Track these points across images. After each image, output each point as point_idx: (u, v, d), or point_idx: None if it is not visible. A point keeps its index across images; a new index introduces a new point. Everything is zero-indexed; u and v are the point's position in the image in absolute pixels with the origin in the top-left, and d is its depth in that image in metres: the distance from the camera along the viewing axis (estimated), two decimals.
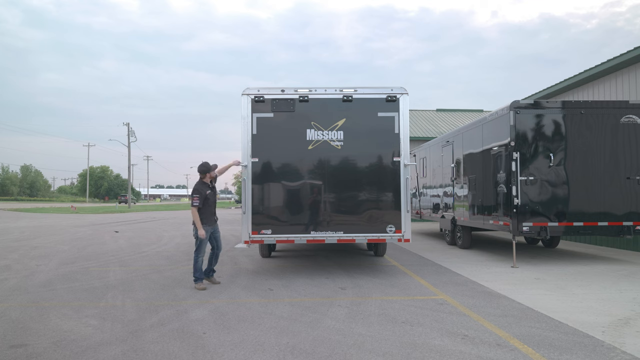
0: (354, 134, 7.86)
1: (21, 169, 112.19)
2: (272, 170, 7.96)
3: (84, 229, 20.94)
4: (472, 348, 4.43)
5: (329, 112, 7.85)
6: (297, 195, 8.00)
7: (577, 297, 6.50)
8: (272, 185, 7.99)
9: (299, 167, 7.97)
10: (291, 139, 7.89)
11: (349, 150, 7.90)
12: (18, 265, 9.69)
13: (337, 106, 7.83)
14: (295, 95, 7.76)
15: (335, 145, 7.85)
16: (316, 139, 7.82)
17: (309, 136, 7.83)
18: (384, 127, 7.83)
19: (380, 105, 7.78)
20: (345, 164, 7.95)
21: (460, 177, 12.25)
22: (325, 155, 7.90)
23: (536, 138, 9.28)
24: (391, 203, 7.92)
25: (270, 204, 8.00)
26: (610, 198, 9.26)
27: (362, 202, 7.98)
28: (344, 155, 7.91)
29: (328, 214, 7.97)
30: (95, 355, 4.32)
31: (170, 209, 55.44)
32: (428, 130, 25.51)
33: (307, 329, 5.07)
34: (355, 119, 7.84)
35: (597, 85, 13.14)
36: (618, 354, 4.23)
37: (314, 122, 7.83)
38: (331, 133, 7.83)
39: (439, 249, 12.24)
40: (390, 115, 7.76)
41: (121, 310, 5.90)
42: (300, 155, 7.91)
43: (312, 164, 7.94)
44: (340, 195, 7.98)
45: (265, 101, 7.77)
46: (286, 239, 8.03)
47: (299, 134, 7.84)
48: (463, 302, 6.21)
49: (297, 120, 7.84)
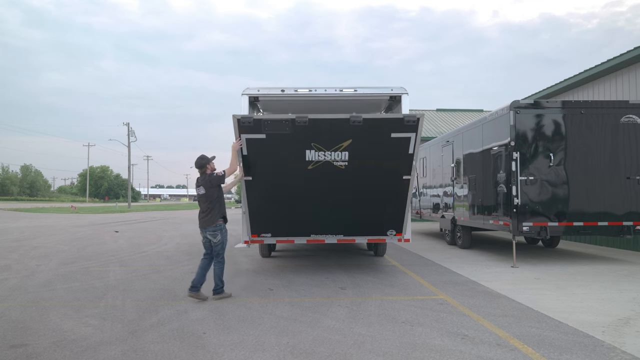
0: (362, 154, 6.89)
1: (21, 169, 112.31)
2: (268, 187, 7.38)
3: (84, 229, 20.93)
4: (472, 348, 4.43)
5: (333, 133, 6.72)
6: (296, 210, 7.64)
7: (577, 297, 6.50)
8: (270, 200, 7.54)
9: (298, 184, 7.33)
10: (288, 160, 7.01)
11: (354, 170, 7.02)
12: (18, 265, 9.69)
13: (342, 127, 6.61)
14: (293, 116, 6.47)
15: (339, 165, 6.95)
16: (317, 159, 6.86)
17: (308, 157, 6.85)
18: (397, 148, 6.82)
19: (395, 125, 6.63)
20: (349, 183, 7.24)
21: (460, 177, 12.25)
22: (327, 175, 7.09)
23: (536, 138, 9.28)
24: (395, 215, 7.61)
25: (268, 217, 7.73)
26: (610, 198, 9.26)
27: (365, 215, 7.68)
28: (348, 175, 7.09)
29: (329, 227, 7.79)
30: (95, 355, 4.32)
31: (170, 208, 55.43)
32: (428, 130, 25.50)
33: (307, 328, 5.07)
34: (363, 140, 6.74)
35: (597, 85, 13.13)
36: (618, 354, 4.23)
37: (315, 143, 6.76)
38: (334, 154, 6.83)
39: (439, 249, 12.24)
40: (406, 136, 6.68)
41: (121, 310, 5.90)
42: (298, 174, 7.16)
43: (312, 183, 7.25)
44: (342, 210, 7.62)
45: (254, 123, 6.48)
46: (286, 239, 8.10)
47: (297, 155, 6.87)
48: (463, 302, 6.21)
49: (294, 142, 6.71)
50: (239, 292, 7.01)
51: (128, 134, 59.13)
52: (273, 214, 7.75)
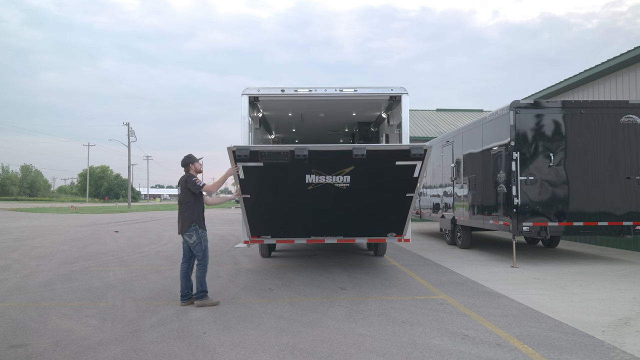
0: (364, 178, 6.64)
1: (21, 169, 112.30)
2: (267, 202, 7.23)
3: (84, 228, 20.93)
4: (472, 348, 4.43)
5: (334, 162, 6.39)
6: (296, 220, 7.62)
7: (577, 297, 6.50)
8: (269, 213, 7.46)
9: (297, 201, 7.16)
10: (287, 183, 6.78)
11: (355, 190, 6.76)
12: (18, 265, 9.69)
13: (344, 158, 6.25)
14: (292, 148, 6.09)
15: (340, 186, 6.68)
16: (317, 182, 6.59)
17: (308, 180, 6.59)
18: (401, 173, 6.54)
19: (400, 156, 6.28)
20: (350, 200, 7.05)
21: (460, 177, 12.25)
22: (328, 194, 6.85)
23: (536, 138, 9.28)
24: (396, 223, 7.56)
25: (268, 225, 7.70)
26: (610, 198, 9.26)
27: (366, 223, 7.68)
28: (350, 194, 6.85)
29: (328, 232, 7.77)
30: (95, 355, 4.32)
31: (170, 209, 55.40)
32: (428, 130, 25.50)
33: (307, 328, 5.07)
34: (366, 168, 6.41)
35: (597, 85, 13.13)
36: (618, 354, 4.23)
37: (315, 169, 6.44)
38: (336, 177, 6.57)
39: (439, 249, 12.24)
40: (412, 164, 6.35)
41: (121, 310, 5.90)
42: (298, 193, 6.95)
43: (312, 199, 7.04)
44: (342, 221, 7.59)
45: (250, 155, 6.12)
46: (286, 239, 8.12)
47: (296, 179, 6.61)
48: (463, 302, 6.21)
49: (294, 169, 6.40)
50: (239, 292, 7.01)
51: (128, 133, 59.14)
52: (272, 223, 7.75)
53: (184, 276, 6.21)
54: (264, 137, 11.43)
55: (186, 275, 6.21)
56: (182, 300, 6.16)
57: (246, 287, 7.37)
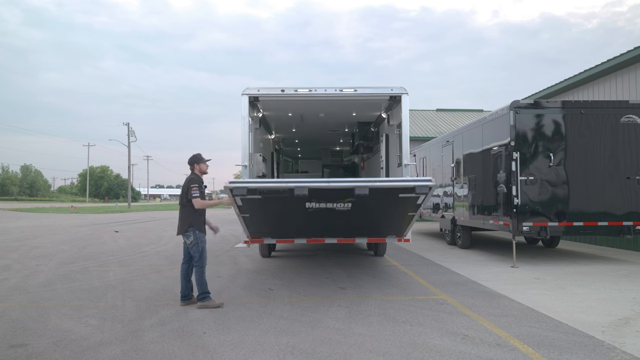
0: (366, 206, 6.52)
1: (21, 169, 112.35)
2: (267, 218, 7.14)
3: (84, 228, 20.94)
4: (472, 348, 4.43)
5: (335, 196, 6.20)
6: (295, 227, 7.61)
7: (577, 297, 6.50)
8: (268, 226, 7.52)
9: (297, 219, 7.12)
10: (285, 208, 6.65)
11: (357, 212, 6.59)
12: (18, 265, 9.69)
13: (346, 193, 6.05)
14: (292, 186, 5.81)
15: (341, 210, 6.49)
16: (317, 207, 6.38)
17: (308, 206, 6.37)
18: (404, 202, 6.42)
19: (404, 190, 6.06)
20: (350, 219, 6.96)
21: (460, 177, 12.25)
22: (328, 214, 6.68)
23: (536, 138, 9.28)
24: (397, 229, 7.53)
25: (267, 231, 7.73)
26: (610, 198, 9.26)
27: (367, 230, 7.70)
28: (351, 214, 6.67)
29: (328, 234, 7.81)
30: (95, 355, 4.32)
31: (170, 209, 55.38)
32: (428, 130, 25.50)
33: (307, 328, 5.07)
34: (367, 200, 6.23)
35: (597, 85, 13.13)
36: (618, 354, 4.23)
37: (315, 200, 6.25)
38: (337, 204, 6.40)
39: (439, 249, 12.24)
40: (415, 196, 6.17)
41: (121, 310, 5.90)
42: (297, 215, 6.83)
43: (312, 218, 6.90)
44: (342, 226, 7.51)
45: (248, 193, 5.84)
46: (286, 239, 8.14)
47: (296, 206, 6.43)
48: (463, 302, 6.21)
49: (293, 200, 6.15)
50: (239, 292, 7.02)
51: (128, 133, 59.14)
52: (272, 230, 7.78)
53: (184, 277, 6.22)
54: (264, 137, 11.43)
55: (186, 276, 6.22)
56: (182, 301, 6.16)
57: (246, 287, 7.38)
